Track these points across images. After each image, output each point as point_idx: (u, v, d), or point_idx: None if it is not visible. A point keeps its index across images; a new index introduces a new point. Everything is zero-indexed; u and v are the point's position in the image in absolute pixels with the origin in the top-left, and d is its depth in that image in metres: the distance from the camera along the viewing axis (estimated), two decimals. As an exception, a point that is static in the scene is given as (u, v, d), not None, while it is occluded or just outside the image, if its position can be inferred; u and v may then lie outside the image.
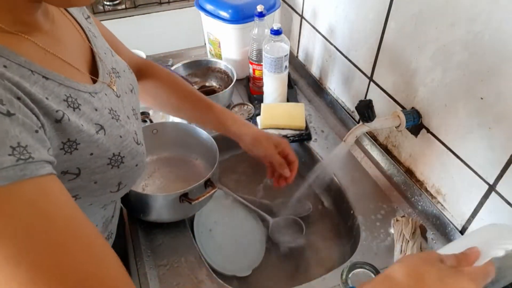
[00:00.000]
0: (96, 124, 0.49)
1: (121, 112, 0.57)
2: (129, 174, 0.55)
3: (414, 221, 0.81)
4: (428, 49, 0.76)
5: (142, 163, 0.59)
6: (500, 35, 0.61)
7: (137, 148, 0.57)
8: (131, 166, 0.55)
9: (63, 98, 0.45)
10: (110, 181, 0.53)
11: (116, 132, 0.53)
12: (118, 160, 0.52)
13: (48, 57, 0.47)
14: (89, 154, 0.48)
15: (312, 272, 0.89)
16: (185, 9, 1.89)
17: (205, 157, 0.96)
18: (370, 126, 0.81)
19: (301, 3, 1.19)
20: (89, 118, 0.48)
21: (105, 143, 0.50)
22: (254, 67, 1.15)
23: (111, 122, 0.52)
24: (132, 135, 0.57)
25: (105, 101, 0.53)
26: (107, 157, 0.50)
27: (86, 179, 0.49)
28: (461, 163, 0.76)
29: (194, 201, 0.77)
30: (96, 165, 0.49)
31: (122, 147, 0.53)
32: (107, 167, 0.51)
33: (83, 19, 0.61)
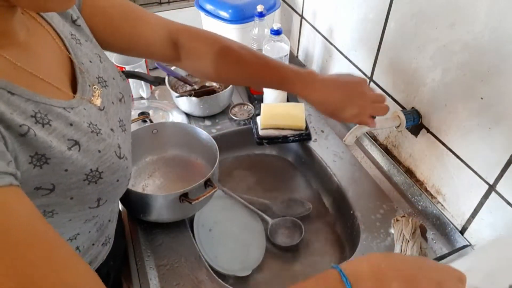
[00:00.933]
0: (70, 140, 0.47)
1: (103, 125, 0.54)
2: (109, 189, 0.53)
3: (414, 221, 0.81)
4: (428, 49, 0.76)
5: (125, 177, 0.56)
6: (500, 35, 0.61)
7: (119, 163, 0.54)
8: (111, 182, 0.53)
9: (31, 114, 0.44)
10: (87, 197, 0.51)
11: (94, 146, 0.50)
12: (95, 176, 0.50)
13: (17, 72, 0.45)
14: (63, 170, 0.46)
15: (312, 272, 0.89)
16: (185, 9, 1.89)
17: (205, 157, 0.96)
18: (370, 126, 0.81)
19: (301, 3, 1.19)
20: (61, 134, 0.46)
21: (80, 159, 0.48)
22: (254, 67, 1.15)
23: (89, 136, 0.50)
24: (114, 149, 0.54)
25: (83, 115, 0.51)
26: (83, 173, 0.49)
27: (61, 195, 0.48)
28: (461, 163, 0.76)
29: (194, 201, 0.77)
30: (71, 181, 0.48)
31: (100, 162, 0.51)
32: (83, 183, 0.49)
33: (67, 25, 0.58)
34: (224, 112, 1.16)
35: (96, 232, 0.66)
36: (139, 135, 0.92)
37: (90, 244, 0.65)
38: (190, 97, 1.08)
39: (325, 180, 1.02)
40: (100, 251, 0.69)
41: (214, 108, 1.14)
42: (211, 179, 0.81)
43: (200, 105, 1.10)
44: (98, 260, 0.69)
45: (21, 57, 0.46)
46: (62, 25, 0.57)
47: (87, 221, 0.58)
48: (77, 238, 0.60)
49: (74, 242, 0.61)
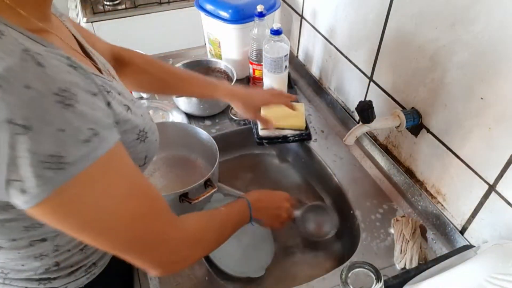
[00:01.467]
0: (124, 105, 0.52)
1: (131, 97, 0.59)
2: (151, 147, 0.59)
3: (414, 221, 0.81)
4: (428, 49, 0.76)
5: (158, 137, 0.63)
6: (500, 35, 0.61)
7: (153, 125, 0.61)
8: (152, 140, 0.59)
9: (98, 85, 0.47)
10: (139, 155, 0.57)
11: (138, 111, 0.56)
12: (143, 135, 0.56)
13: (71, 51, 0.51)
14: (123, 130, 0.51)
15: (312, 272, 0.89)
16: (185, 9, 1.89)
17: (206, 157, 0.96)
18: (370, 126, 0.81)
19: (301, 3, 1.19)
20: (119, 100, 0.51)
21: (134, 121, 0.53)
22: (254, 67, 1.15)
23: (132, 103, 0.55)
24: (147, 114, 0.61)
25: (118, 86, 0.56)
26: (136, 133, 0.54)
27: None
28: (461, 163, 0.76)
29: (194, 200, 0.77)
30: (128, 141, 0.53)
31: (144, 123, 0.57)
32: (136, 141, 0.55)
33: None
34: (224, 112, 1.16)
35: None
36: None
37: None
38: (190, 97, 1.08)
39: (325, 180, 1.02)
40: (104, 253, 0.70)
41: (214, 108, 1.14)
42: (211, 179, 0.81)
43: (200, 105, 1.10)
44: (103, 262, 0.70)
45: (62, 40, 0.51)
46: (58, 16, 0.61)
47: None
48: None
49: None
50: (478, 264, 0.62)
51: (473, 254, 0.66)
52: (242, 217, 0.74)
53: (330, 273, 0.78)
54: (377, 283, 0.58)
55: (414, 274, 0.68)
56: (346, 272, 0.59)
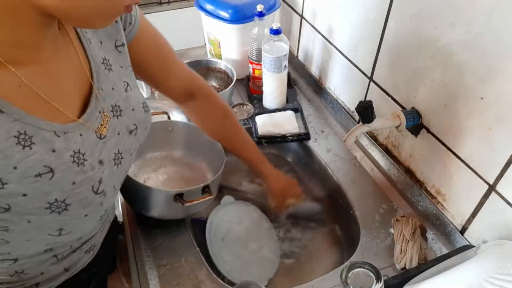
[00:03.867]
0: (45, 166, 0.46)
1: (92, 156, 0.53)
2: (74, 222, 0.53)
3: (414, 221, 0.81)
4: (428, 49, 0.76)
5: (96, 213, 0.55)
6: (500, 35, 0.61)
7: (93, 198, 0.53)
8: (78, 215, 0.52)
9: (14, 134, 0.43)
10: (47, 224, 0.50)
11: (70, 177, 0.49)
12: (60, 207, 0.49)
13: (20, 90, 0.44)
14: (22, 194, 0.45)
15: (312, 272, 0.89)
16: (185, 9, 1.88)
17: (210, 161, 0.96)
18: (370, 126, 0.81)
19: (301, 3, 1.19)
20: (38, 159, 0.45)
21: (46, 187, 0.47)
22: (254, 66, 1.15)
23: (68, 166, 0.49)
24: (93, 183, 0.52)
25: (74, 142, 0.50)
26: (46, 201, 0.48)
27: (16, 216, 0.47)
28: (461, 163, 0.76)
29: (187, 203, 0.77)
30: (30, 206, 0.47)
31: (71, 194, 0.50)
32: (45, 210, 0.48)
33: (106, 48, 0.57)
34: (224, 112, 1.16)
35: (80, 243, 0.64)
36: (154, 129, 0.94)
37: (70, 252, 0.64)
38: None
39: (325, 180, 1.02)
40: (81, 258, 0.68)
41: (214, 108, 1.13)
42: (209, 186, 0.80)
43: (200, 105, 1.10)
44: (78, 266, 0.69)
45: (34, 74, 0.46)
46: (98, 48, 0.56)
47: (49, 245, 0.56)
48: (53, 249, 0.59)
49: (49, 252, 0.59)
50: (478, 264, 0.62)
51: (473, 254, 0.66)
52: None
53: (330, 273, 0.78)
54: (377, 283, 0.58)
55: (414, 274, 0.68)
56: (346, 272, 0.59)
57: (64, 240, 0.56)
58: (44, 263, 0.61)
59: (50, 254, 0.60)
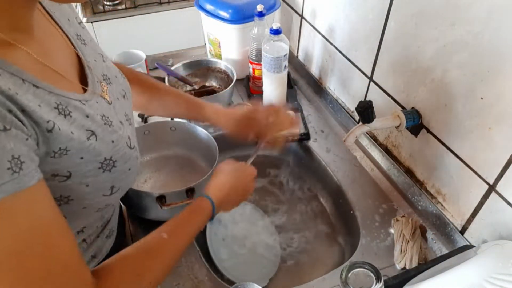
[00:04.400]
0: (88, 130, 0.50)
1: (114, 118, 0.57)
2: (121, 177, 0.56)
3: (414, 221, 0.81)
4: (428, 49, 0.76)
5: (135, 167, 0.59)
6: (500, 35, 0.61)
7: (130, 153, 0.57)
8: (124, 170, 0.56)
9: (54, 106, 0.46)
10: (102, 184, 0.54)
11: (109, 137, 0.53)
12: (109, 164, 0.53)
13: (38, 67, 0.48)
14: (79, 158, 0.49)
15: (312, 272, 0.89)
16: (185, 9, 1.89)
17: (205, 157, 0.96)
18: (370, 126, 0.81)
19: (301, 3, 1.19)
20: (80, 124, 0.49)
21: (97, 148, 0.50)
22: (254, 66, 1.15)
23: (103, 128, 0.53)
24: (125, 139, 0.57)
25: (97, 108, 0.54)
26: (98, 161, 0.51)
27: (77, 181, 0.50)
28: (461, 163, 0.76)
29: (165, 206, 0.77)
30: (87, 169, 0.50)
31: (114, 151, 0.54)
32: (98, 170, 0.52)
33: (73, 25, 0.61)
34: (224, 112, 1.16)
35: (101, 226, 0.68)
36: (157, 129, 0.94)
37: (95, 236, 0.67)
38: None
39: (325, 180, 1.02)
40: (104, 243, 0.71)
41: (214, 108, 1.13)
42: (194, 189, 0.80)
43: (200, 105, 1.10)
44: (102, 253, 0.71)
45: (39, 52, 0.48)
46: (68, 26, 0.59)
47: (99, 210, 0.60)
48: (84, 231, 0.63)
49: (81, 235, 0.63)
50: (478, 264, 0.62)
51: (473, 254, 0.66)
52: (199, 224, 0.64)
53: (330, 273, 0.78)
54: (377, 283, 0.58)
55: (414, 274, 0.68)
56: (346, 272, 0.59)
57: (113, 201, 0.59)
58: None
59: (81, 238, 0.63)
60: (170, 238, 0.58)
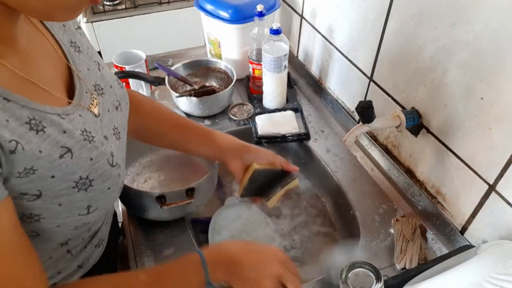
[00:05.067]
0: (62, 147, 0.48)
1: (97, 133, 0.54)
2: (99, 197, 0.54)
3: (414, 221, 0.81)
4: (428, 49, 0.76)
5: (116, 185, 0.57)
6: (500, 35, 0.61)
7: (111, 171, 0.55)
8: (102, 189, 0.54)
9: (25, 121, 0.44)
10: (77, 204, 0.52)
11: (86, 154, 0.51)
12: (85, 183, 0.51)
13: (15, 79, 0.46)
14: (50, 177, 0.47)
15: (312, 272, 0.89)
16: (185, 9, 1.89)
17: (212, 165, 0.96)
18: (370, 126, 0.81)
19: (301, 3, 1.19)
20: (54, 141, 0.47)
21: (70, 167, 0.48)
22: (254, 66, 1.15)
23: (81, 144, 0.50)
24: (107, 157, 0.54)
25: (78, 123, 0.51)
26: (72, 180, 0.49)
27: (48, 201, 0.48)
28: (461, 163, 0.76)
29: (165, 205, 0.77)
30: (59, 188, 0.48)
31: (92, 169, 0.51)
32: (72, 190, 0.50)
33: (69, 31, 0.59)
34: (223, 112, 1.16)
35: (89, 237, 0.65)
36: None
37: (83, 247, 0.65)
38: (190, 97, 1.08)
39: (325, 180, 1.02)
40: (92, 253, 0.69)
41: (214, 108, 1.14)
42: (194, 189, 0.80)
43: (200, 105, 1.10)
44: (90, 262, 0.69)
45: (20, 64, 0.47)
46: (62, 32, 0.57)
47: (77, 228, 0.57)
48: (68, 243, 0.60)
49: (65, 246, 0.60)
50: (478, 264, 0.62)
51: (473, 254, 0.66)
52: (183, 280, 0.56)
53: (330, 273, 0.78)
54: (377, 283, 0.58)
55: (414, 274, 0.68)
56: (346, 272, 0.59)
57: (91, 220, 0.57)
58: (61, 260, 0.61)
59: (65, 249, 0.61)
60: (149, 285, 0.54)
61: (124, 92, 0.67)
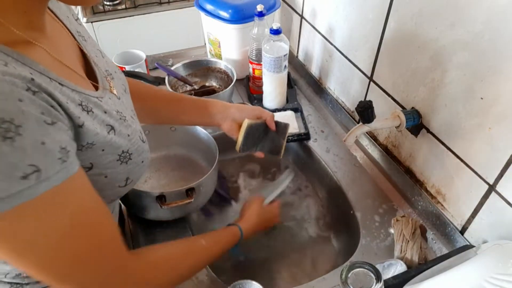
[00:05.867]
0: (107, 125, 0.52)
1: (126, 113, 0.59)
2: (135, 169, 0.58)
3: (414, 221, 0.81)
4: (428, 49, 0.76)
5: (147, 159, 0.62)
6: (500, 35, 0.61)
7: (143, 146, 0.60)
8: (138, 162, 0.58)
9: (78, 103, 0.48)
10: (119, 176, 0.56)
11: (125, 131, 0.55)
12: (126, 157, 0.55)
13: (56, 65, 0.49)
14: (101, 150, 0.51)
15: (312, 272, 0.89)
16: (185, 9, 1.89)
17: (206, 157, 0.96)
18: (370, 126, 0.81)
19: (301, 3, 1.19)
20: (101, 120, 0.51)
21: (116, 142, 0.53)
22: (254, 66, 1.15)
23: (119, 122, 0.55)
24: (138, 133, 0.59)
25: (111, 104, 0.56)
26: (116, 154, 0.53)
27: (97, 172, 0.52)
28: (461, 163, 0.76)
29: (165, 205, 0.77)
30: (107, 161, 0.52)
31: (130, 144, 0.56)
32: (116, 163, 0.54)
33: (72, 22, 0.61)
34: (224, 112, 1.16)
35: None
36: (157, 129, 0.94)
37: None
38: None
39: (325, 180, 1.02)
40: None
41: (214, 108, 1.13)
42: (194, 189, 0.80)
43: (200, 105, 1.10)
44: None
45: (53, 50, 0.49)
46: (69, 23, 0.60)
47: (112, 202, 0.62)
48: None
49: None
50: (478, 264, 0.62)
51: (473, 254, 0.66)
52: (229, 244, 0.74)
53: (330, 273, 0.78)
54: (377, 283, 0.58)
55: (414, 274, 0.68)
56: (346, 272, 0.59)
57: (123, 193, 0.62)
58: None
59: None
60: (208, 248, 0.68)
61: (124, 77, 0.71)
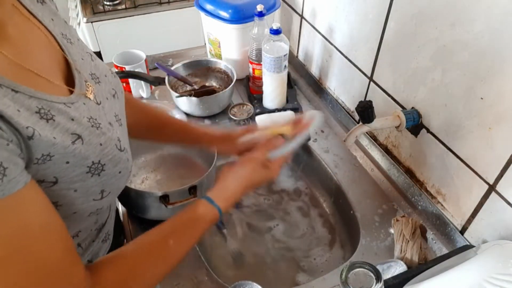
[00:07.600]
0: (73, 134, 0.49)
1: (102, 120, 0.55)
2: (111, 181, 0.55)
3: (414, 221, 0.81)
4: (428, 49, 0.76)
5: (126, 169, 0.58)
6: (500, 35, 0.61)
7: (120, 155, 0.56)
8: (114, 174, 0.55)
9: (35, 110, 0.45)
10: (91, 189, 0.53)
11: (96, 140, 0.52)
12: (98, 168, 0.52)
13: (15, 69, 0.46)
14: (65, 163, 0.48)
15: (312, 272, 0.89)
16: (185, 9, 1.89)
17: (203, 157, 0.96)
18: (370, 126, 0.81)
19: (301, 3, 1.19)
20: (64, 128, 0.48)
21: (83, 152, 0.49)
22: (254, 66, 1.15)
23: (90, 131, 0.51)
24: (115, 142, 0.56)
25: (83, 110, 0.52)
26: (85, 166, 0.50)
27: (64, 187, 0.49)
28: (461, 163, 0.76)
29: (170, 204, 0.77)
30: (74, 174, 0.49)
31: (102, 155, 0.52)
32: (86, 175, 0.51)
33: (58, 24, 0.59)
34: (223, 112, 1.16)
35: (96, 229, 0.67)
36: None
37: (91, 241, 0.66)
38: (190, 97, 1.08)
39: (325, 180, 1.02)
40: (100, 248, 0.70)
41: (214, 108, 1.14)
42: (196, 187, 0.80)
43: (200, 105, 1.10)
44: (99, 256, 0.70)
45: (15, 53, 0.47)
46: (53, 25, 0.58)
47: (91, 215, 0.59)
48: (79, 235, 0.62)
49: (76, 239, 0.62)
50: (478, 264, 0.62)
51: (473, 254, 0.66)
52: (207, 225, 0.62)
53: (330, 273, 0.78)
54: (377, 283, 0.58)
55: (414, 274, 0.68)
56: (346, 272, 0.59)
57: (104, 205, 0.58)
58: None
59: (76, 242, 0.62)
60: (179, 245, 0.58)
61: (118, 81, 0.68)
